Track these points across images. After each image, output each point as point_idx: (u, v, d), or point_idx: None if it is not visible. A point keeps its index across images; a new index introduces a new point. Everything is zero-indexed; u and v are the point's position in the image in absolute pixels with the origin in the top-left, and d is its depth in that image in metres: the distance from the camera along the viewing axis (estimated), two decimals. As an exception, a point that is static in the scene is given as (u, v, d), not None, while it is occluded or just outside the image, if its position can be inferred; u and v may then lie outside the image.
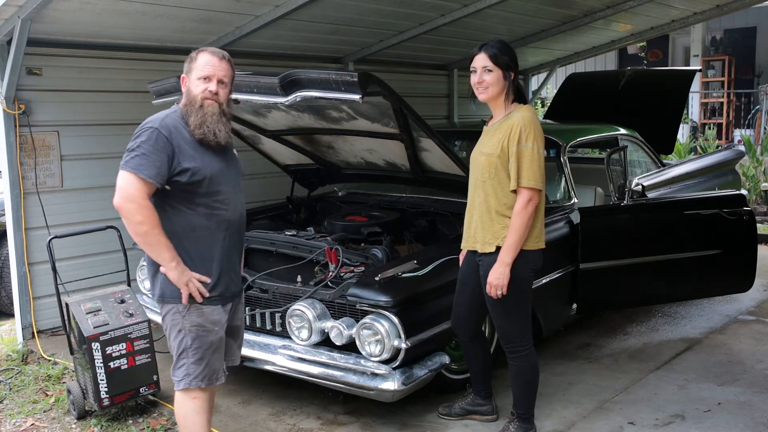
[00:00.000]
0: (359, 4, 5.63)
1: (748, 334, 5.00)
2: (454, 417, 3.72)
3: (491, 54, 3.17)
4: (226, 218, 2.89)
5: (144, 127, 2.80)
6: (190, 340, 2.87)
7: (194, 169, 2.78)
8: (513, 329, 3.36)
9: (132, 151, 2.75)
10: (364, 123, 3.97)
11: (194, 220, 2.83)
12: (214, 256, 2.87)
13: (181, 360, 2.89)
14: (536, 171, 3.14)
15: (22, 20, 4.32)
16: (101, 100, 5.37)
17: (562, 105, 7.15)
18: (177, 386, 2.93)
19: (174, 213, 2.82)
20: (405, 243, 4.36)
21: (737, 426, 3.64)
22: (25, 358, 4.78)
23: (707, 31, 14.30)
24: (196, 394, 2.93)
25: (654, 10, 7.47)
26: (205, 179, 2.81)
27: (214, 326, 2.90)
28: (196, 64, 2.88)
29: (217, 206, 2.86)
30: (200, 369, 2.89)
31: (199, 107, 2.83)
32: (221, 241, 2.89)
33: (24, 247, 4.94)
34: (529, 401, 3.47)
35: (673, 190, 5.66)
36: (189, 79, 2.89)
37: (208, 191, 2.83)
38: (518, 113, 3.20)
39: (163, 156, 2.73)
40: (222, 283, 2.90)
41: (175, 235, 2.80)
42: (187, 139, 2.82)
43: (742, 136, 11.40)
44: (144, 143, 2.74)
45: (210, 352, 2.90)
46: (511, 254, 3.17)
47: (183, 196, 2.81)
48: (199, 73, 2.86)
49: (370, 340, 3.41)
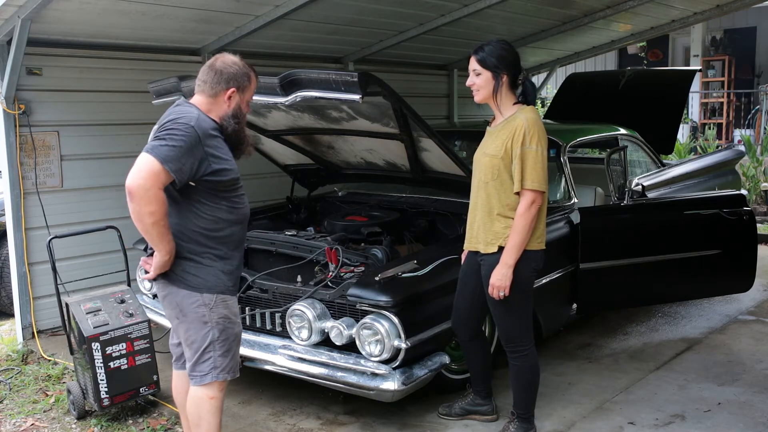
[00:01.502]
0: (359, 4, 5.63)
1: (748, 334, 5.00)
2: (454, 417, 3.72)
3: (479, 57, 3.19)
4: (244, 212, 2.96)
5: (181, 121, 2.73)
6: (217, 332, 2.85)
7: (225, 171, 2.81)
8: (514, 329, 3.36)
9: (163, 139, 2.68)
10: (364, 123, 3.97)
11: (219, 214, 2.84)
12: (236, 247, 2.92)
13: (208, 353, 2.85)
14: (540, 173, 3.14)
15: (22, 20, 4.32)
16: (101, 100, 5.37)
17: (562, 105, 7.15)
18: (201, 381, 2.87)
19: (200, 207, 2.81)
20: (405, 243, 4.36)
21: (737, 426, 3.64)
22: (25, 358, 4.78)
23: (707, 31, 14.31)
24: (214, 394, 2.90)
25: (654, 10, 7.48)
26: (232, 179, 2.86)
27: (236, 317, 2.94)
28: (250, 87, 2.94)
29: (237, 201, 2.90)
30: (227, 361, 2.88)
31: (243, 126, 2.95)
32: (239, 233, 2.94)
33: (24, 247, 4.94)
34: (529, 401, 3.47)
35: (673, 190, 5.66)
36: (241, 96, 2.91)
37: (233, 188, 2.88)
38: (522, 115, 3.20)
39: (192, 158, 2.70)
40: (237, 274, 2.94)
41: (199, 228, 2.81)
42: (218, 143, 2.82)
43: (742, 136, 11.41)
44: (179, 137, 2.68)
45: (236, 343, 2.94)
46: (513, 256, 3.17)
47: (208, 192, 2.81)
48: (250, 96, 2.95)
49: (370, 340, 3.41)
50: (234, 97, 2.88)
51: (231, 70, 2.88)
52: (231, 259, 2.90)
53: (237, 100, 2.89)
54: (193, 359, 2.88)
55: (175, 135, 2.68)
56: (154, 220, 2.66)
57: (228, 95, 2.87)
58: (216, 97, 2.87)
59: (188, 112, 2.80)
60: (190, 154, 2.69)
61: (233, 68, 2.89)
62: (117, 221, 4.82)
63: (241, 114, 2.91)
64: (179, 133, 2.69)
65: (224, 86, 2.86)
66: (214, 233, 2.84)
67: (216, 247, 2.85)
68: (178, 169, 2.66)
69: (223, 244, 2.87)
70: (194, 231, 2.81)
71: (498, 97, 3.22)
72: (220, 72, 2.87)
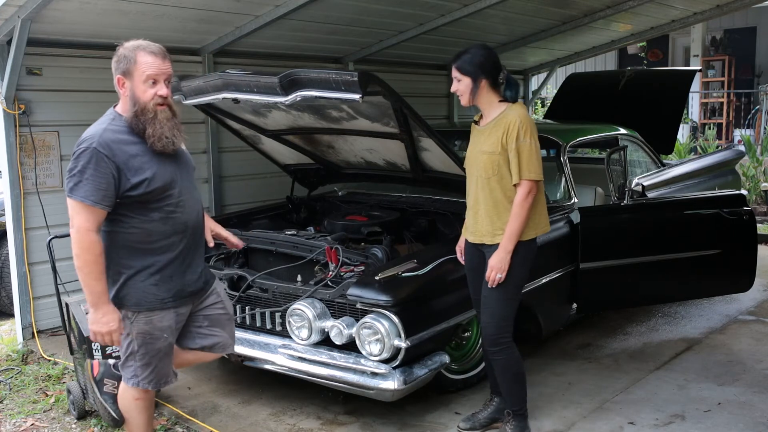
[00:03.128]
0: (359, 4, 5.63)
1: (748, 334, 5.00)
2: (480, 429, 3.61)
3: (456, 65, 3.34)
4: (182, 221, 2.80)
5: (81, 147, 2.60)
6: (137, 345, 2.82)
7: (147, 182, 2.66)
8: (501, 320, 3.35)
9: (74, 176, 2.58)
10: (364, 122, 3.97)
11: (150, 227, 2.72)
12: (169, 261, 2.79)
13: (129, 361, 2.87)
14: (535, 163, 3.27)
15: (22, 20, 4.32)
16: (101, 100, 5.27)
17: (562, 105, 7.16)
18: (126, 382, 2.93)
19: (128, 222, 2.71)
20: (405, 243, 4.36)
21: (737, 426, 3.64)
22: (25, 358, 4.78)
23: (707, 31, 14.31)
24: (138, 395, 2.93)
25: (654, 10, 7.47)
26: (157, 189, 2.69)
27: (163, 333, 2.83)
28: (137, 66, 2.65)
29: (172, 210, 2.76)
30: (147, 373, 2.87)
31: (153, 116, 2.67)
32: (178, 244, 2.80)
33: (24, 247, 4.94)
34: (521, 394, 3.47)
35: (673, 190, 5.66)
36: (130, 82, 2.66)
37: (161, 197, 2.72)
38: (512, 112, 3.31)
39: (108, 178, 2.58)
40: (175, 286, 2.82)
41: (129, 243, 2.72)
42: (133, 151, 2.66)
43: (742, 136, 11.41)
44: (86, 167, 2.56)
45: (157, 358, 2.86)
46: (513, 241, 3.28)
47: (136, 206, 2.69)
48: (143, 76, 2.64)
49: (370, 340, 3.41)
50: (126, 85, 2.67)
51: (115, 59, 2.68)
52: (166, 270, 2.78)
53: (130, 87, 2.67)
54: (120, 361, 2.94)
55: (83, 165, 2.57)
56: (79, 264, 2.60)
57: (121, 86, 2.69)
58: (120, 94, 2.71)
59: (91, 131, 2.66)
60: (105, 175, 2.57)
61: (116, 57, 2.68)
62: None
63: (143, 102, 2.64)
64: (83, 161, 2.57)
65: (115, 79, 2.69)
66: (145, 248, 2.74)
67: (147, 265, 2.75)
68: (101, 198, 2.58)
69: (154, 260, 2.75)
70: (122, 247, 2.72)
71: (481, 99, 3.36)
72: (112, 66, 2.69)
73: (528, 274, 3.45)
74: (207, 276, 3.02)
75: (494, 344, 3.38)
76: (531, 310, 4.08)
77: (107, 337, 2.70)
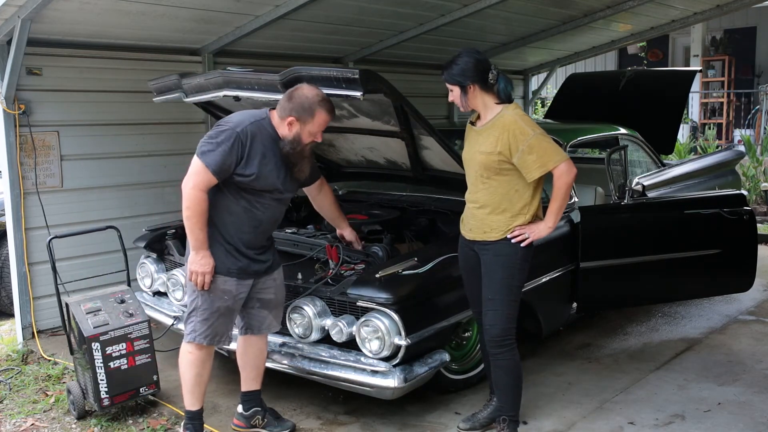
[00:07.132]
0: (359, 4, 5.63)
1: (748, 334, 5.00)
2: (480, 429, 3.61)
3: (444, 77, 3.37)
4: (259, 218, 3.29)
5: (227, 127, 3.14)
6: (200, 301, 3.27)
7: (252, 176, 3.16)
8: (507, 318, 3.34)
9: (211, 144, 3.10)
10: (365, 121, 3.96)
11: (232, 207, 3.24)
12: (241, 239, 3.27)
13: (191, 317, 3.32)
14: (553, 149, 3.26)
15: (22, 20, 4.32)
16: (101, 100, 5.37)
17: (562, 105, 7.15)
18: (185, 338, 3.36)
19: (221, 194, 3.21)
20: (405, 241, 4.36)
21: (737, 426, 3.63)
22: (25, 358, 4.78)
23: (707, 31, 14.30)
24: (192, 350, 3.35)
25: (654, 10, 7.48)
26: (256, 187, 3.20)
27: (224, 294, 3.27)
28: (314, 121, 3.18)
29: (256, 207, 3.26)
30: (204, 328, 3.29)
31: (300, 151, 3.22)
32: (248, 233, 3.28)
33: (24, 247, 4.94)
34: (518, 400, 3.46)
35: (673, 190, 5.66)
36: (301, 128, 3.18)
37: (254, 192, 3.23)
38: (508, 112, 3.31)
39: (233, 158, 3.11)
40: (243, 262, 3.28)
41: (215, 209, 3.21)
42: (267, 147, 3.18)
43: (742, 136, 11.41)
44: (224, 142, 3.09)
45: (215, 315, 3.29)
46: (554, 219, 3.33)
47: (233, 186, 3.20)
48: (314, 128, 3.20)
49: (371, 338, 3.41)
50: (294, 125, 3.18)
51: (298, 100, 3.17)
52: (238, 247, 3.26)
53: (297, 129, 3.19)
54: (184, 319, 3.42)
55: (223, 140, 3.12)
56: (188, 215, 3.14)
57: (288, 122, 3.19)
58: (282, 119, 3.21)
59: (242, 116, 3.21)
60: (232, 155, 3.11)
61: (300, 99, 3.17)
62: (117, 221, 4.83)
63: (299, 142, 3.19)
64: (224, 138, 3.12)
65: (287, 113, 3.18)
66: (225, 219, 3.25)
67: (224, 231, 3.24)
68: (218, 170, 3.11)
69: (230, 232, 3.26)
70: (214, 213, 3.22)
71: (476, 103, 3.37)
72: (290, 98, 3.19)
73: (527, 275, 3.45)
74: (273, 263, 3.45)
75: (499, 346, 3.37)
76: (531, 309, 4.07)
77: (200, 277, 3.19)
